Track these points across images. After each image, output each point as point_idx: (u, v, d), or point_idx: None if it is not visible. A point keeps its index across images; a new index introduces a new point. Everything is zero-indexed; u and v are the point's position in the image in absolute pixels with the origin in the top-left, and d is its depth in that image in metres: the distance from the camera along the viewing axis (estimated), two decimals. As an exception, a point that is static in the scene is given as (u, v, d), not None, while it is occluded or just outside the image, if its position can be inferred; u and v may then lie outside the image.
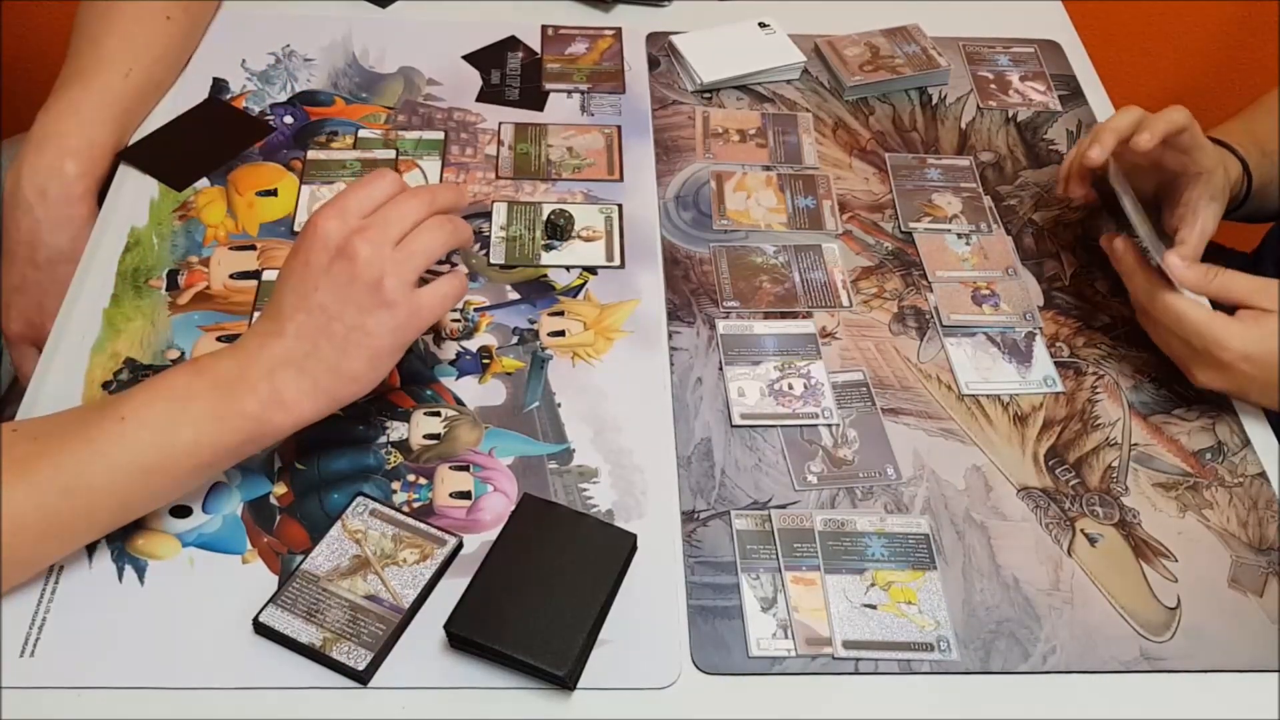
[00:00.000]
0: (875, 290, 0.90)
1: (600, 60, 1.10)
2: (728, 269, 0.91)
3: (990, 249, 0.94)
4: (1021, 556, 0.74)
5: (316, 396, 0.69)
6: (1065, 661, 0.69)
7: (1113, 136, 0.84)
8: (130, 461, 0.66)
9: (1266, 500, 0.78)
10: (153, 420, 0.67)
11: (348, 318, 0.69)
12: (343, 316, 0.69)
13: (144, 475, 0.66)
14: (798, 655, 0.68)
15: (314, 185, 0.95)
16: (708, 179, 0.99)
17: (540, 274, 0.89)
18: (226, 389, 0.68)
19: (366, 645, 0.66)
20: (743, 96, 1.07)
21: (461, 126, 1.02)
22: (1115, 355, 0.86)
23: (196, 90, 1.03)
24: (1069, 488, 0.78)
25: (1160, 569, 0.74)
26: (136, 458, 0.66)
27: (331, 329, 0.69)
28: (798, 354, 0.85)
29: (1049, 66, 1.13)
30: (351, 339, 0.69)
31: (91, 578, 0.69)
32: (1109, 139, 0.84)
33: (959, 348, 0.86)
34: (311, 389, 0.69)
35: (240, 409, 0.67)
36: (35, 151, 0.90)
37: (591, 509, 0.74)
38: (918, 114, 1.07)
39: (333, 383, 0.69)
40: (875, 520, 0.75)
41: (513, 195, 0.96)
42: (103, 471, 0.65)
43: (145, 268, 0.87)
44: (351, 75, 1.06)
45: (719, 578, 0.72)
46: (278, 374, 0.68)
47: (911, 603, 0.71)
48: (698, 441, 0.79)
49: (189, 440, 0.67)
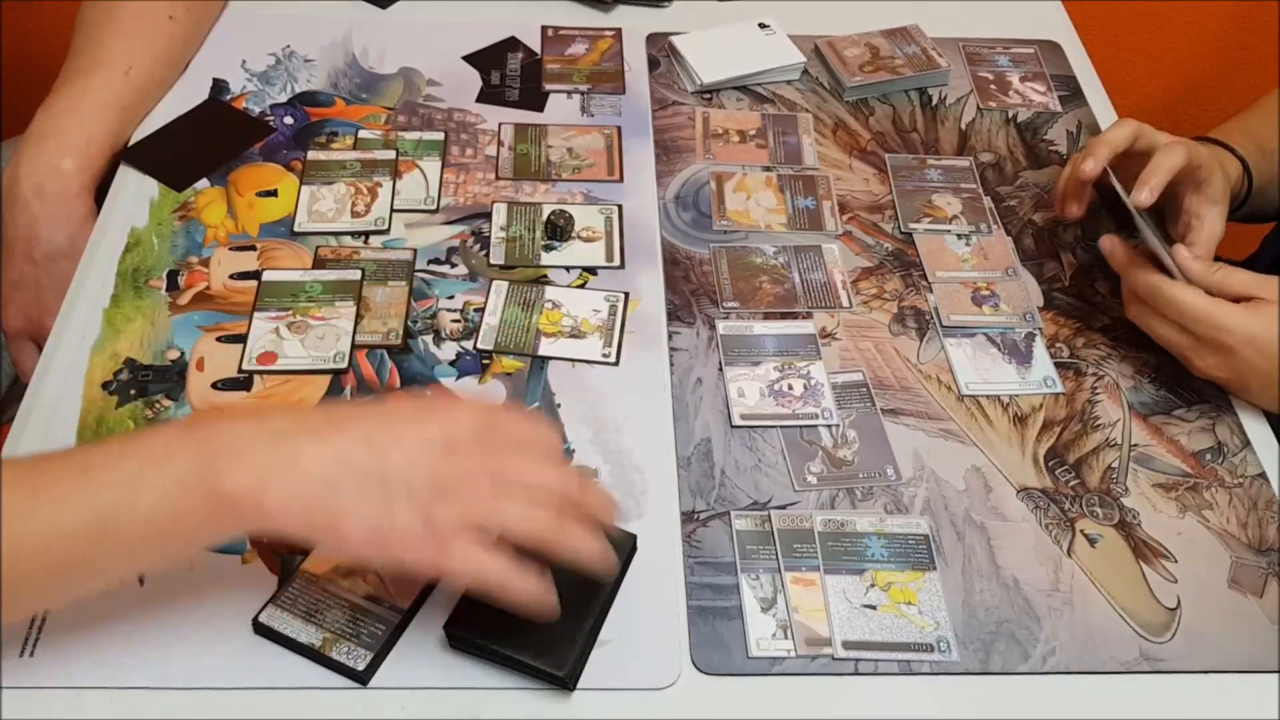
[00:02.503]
0: (875, 291, 0.90)
1: (600, 61, 1.10)
2: (728, 269, 0.91)
3: (990, 250, 0.94)
4: (1021, 557, 0.74)
5: (300, 523, 0.59)
6: (1065, 662, 0.69)
7: (1107, 150, 0.85)
8: (74, 521, 0.57)
9: (1266, 501, 0.78)
10: (117, 479, 0.58)
11: (390, 488, 0.59)
12: (387, 483, 0.59)
13: (87, 540, 0.57)
14: (797, 656, 0.68)
15: (314, 186, 0.95)
16: (708, 180, 0.99)
17: (540, 274, 0.89)
18: (213, 455, 0.58)
19: (366, 645, 0.66)
20: (743, 97, 1.07)
21: (461, 127, 1.02)
22: (1115, 356, 0.86)
23: (197, 91, 1.03)
24: (1069, 488, 0.78)
25: (1160, 570, 0.74)
26: (81, 517, 0.57)
27: (367, 481, 0.59)
28: (797, 354, 0.85)
29: (1049, 67, 1.13)
30: (374, 505, 0.59)
31: (91, 578, 0.69)
32: (1103, 152, 0.85)
33: (959, 348, 0.86)
34: (302, 515, 0.59)
35: (215, 482, 0.57)
36: (33, 148, 0.90)
37: (591, 509, 0.74)
38: (918, 115, 1.07)
39: (325, 524, 0.59)
40: (875, 521, 0.75)
41: (513, 196, 0.96)
42: (39, 529, 0.56)
43: (145, 268, 0.87)
44: (351, 76, 1.06)
45: (719, 578, 0.72)
46: (282, 475, 0.58)
47: (911, 603, 0.71)
48: (697, 442, 0.79)
49: (149, 506, 0.57)
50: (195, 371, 0.81)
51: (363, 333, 0.84)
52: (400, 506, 0.59)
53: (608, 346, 0.84)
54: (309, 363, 0.82)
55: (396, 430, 0.61)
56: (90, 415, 0.77)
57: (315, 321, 0.84)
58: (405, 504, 0.59)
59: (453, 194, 0.96)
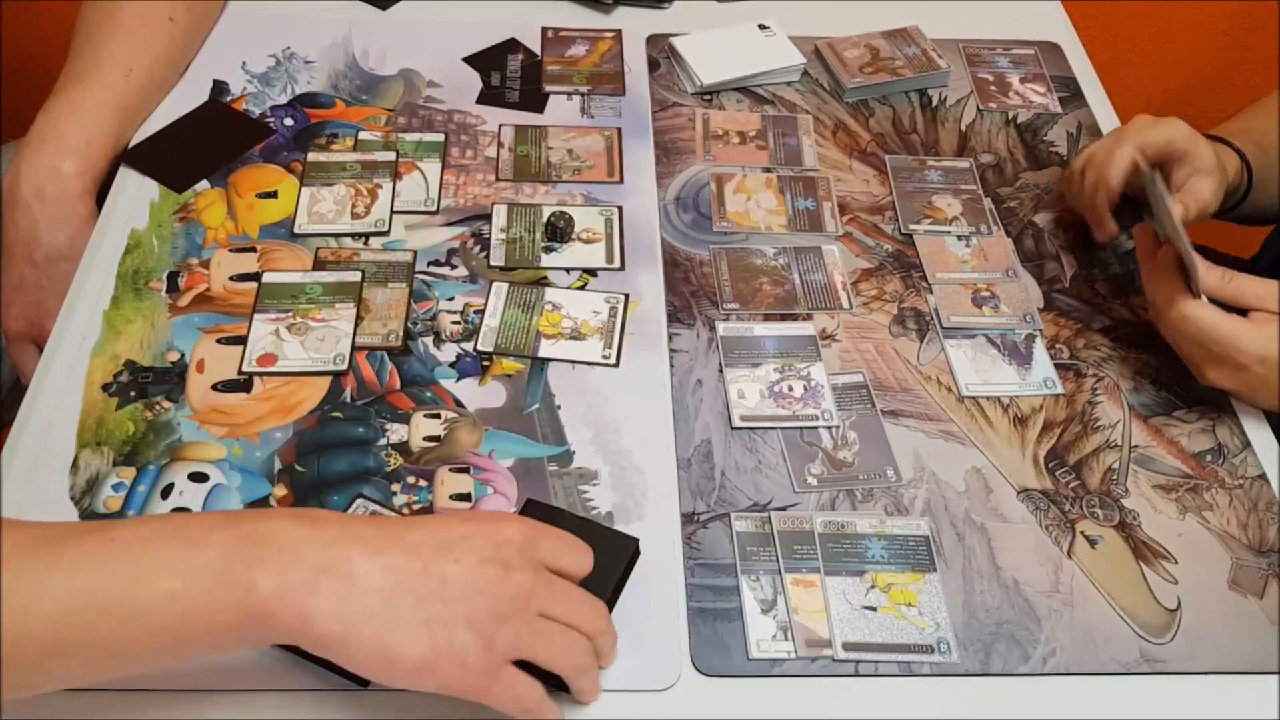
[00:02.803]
0: (875, 292, 0.90)
1: (600, 62, 1.10)
2: (728, 271, 0.91)
3: (990, 251, 0.94)
4: (1021, 558, 0.74)
5: (343, 636, 0.55)
6: (1065, 663, 0.69)
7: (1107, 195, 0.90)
8: (89, 589, 0.52)
9: (1267, 502, 0.78)
10: (143, 556, 0.54)
11: (452, 609, 0.56)
12: (447, 603, 0.56)
13: (96, 614, 0.52)
14: (798, 657, 0.68)
15: (314, 187, 0.95)
16: (708, 181, 0.99)
17: (540, 276, 0.89)
18: (257, 548, 0.54)
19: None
20: (743, 98, 1.07)
21: (462, 129, 1.02)
22: (1115, 357, 0.86)
23: (197, 92, 1.03)
24: (1069, 489, 0.78)
25: (1160, 571, 0.74)
26: (99, 589, 0.52)
27: (425, 600, 0.56)
28: (798, 356, 0.85)
29: (1049, 68, 1.13)
30: (434, 626, 0.56)
31: (92, 580, 0.69)
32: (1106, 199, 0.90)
33: (959, 349, 0.86)
34: (348, 627, 0.55)
35: (252, 578, 0.53)
36: (34, 150, 0.90)
37: (591, 511, 0.74)
38: (918, 116, 1.07)
39: (372, 641, 0.55)
40: (875, 522, 0.75)
41: (513, 197, 0.96)
42: (54, 594, 0.52)
43: (145, 270, 0.87)
44: (351, 77, 1.06)
45: (719, 580, 0.72)
46: (332, 580, 0.55)
47: (912, 605, 0.71)
48: (698, 443, 0.79)
49: (166, 590, 0.53)
50: (195, 373, 0.81)
51: (363, 334, 0.84)
52: (460, 630, 0.56)
53: (608, 348, 0.84)
54: (309, 364, 0.82)
55: (451, 544, 0.58)
56: (90, 417, 0.77)
57: (315, 323, 0.84)
58: (466, 628, 0.56)
59: (453, 195, 0.96)
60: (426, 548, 0.57)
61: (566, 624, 0.61)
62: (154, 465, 0.75)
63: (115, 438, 0.76)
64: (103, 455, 0.75)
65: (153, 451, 0.76)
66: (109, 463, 0.75)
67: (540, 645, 0.59)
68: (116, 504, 0.73)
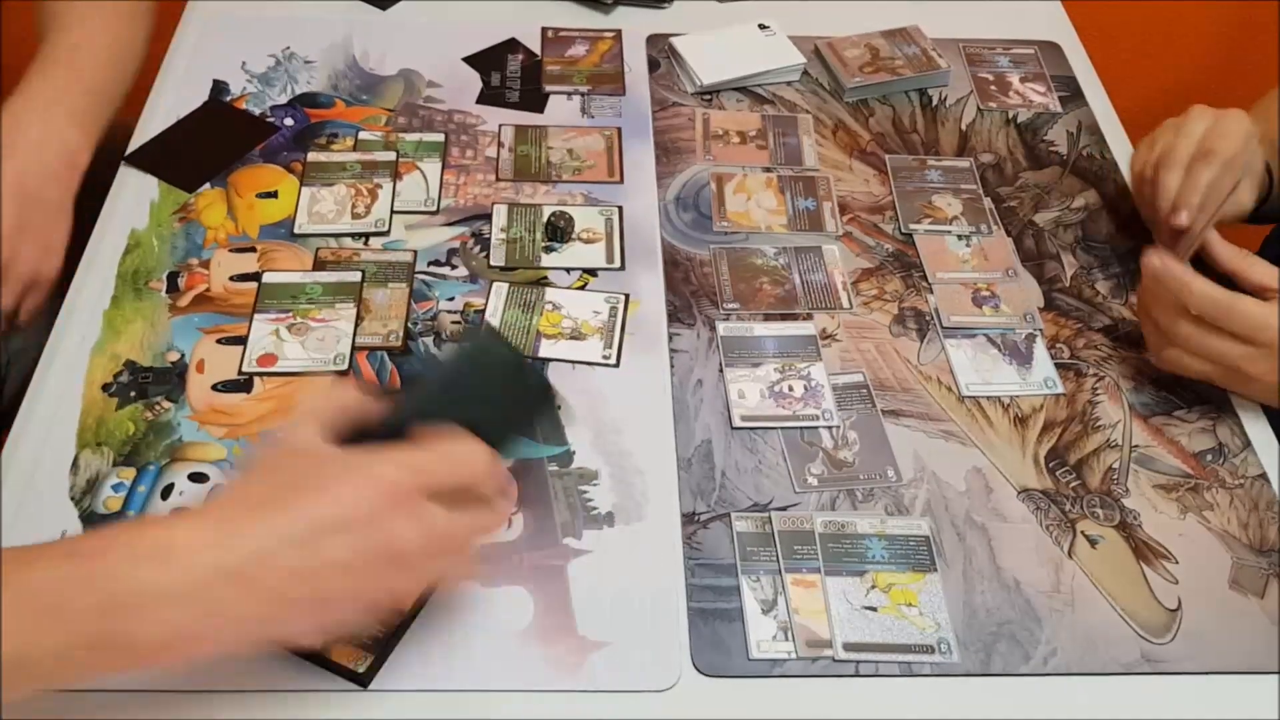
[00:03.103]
0: (875, 292, 0.90)
1: (600, 62, 1.10)
2: (728, 271, 0.91)
3: (990, 250, 0.94)
4: (1022, 558, 0.74)
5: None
6: (1066, 663, 0.69)
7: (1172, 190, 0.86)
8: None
9: (1267, 502, 0.78)
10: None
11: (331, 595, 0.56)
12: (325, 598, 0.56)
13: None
14: (798, 657, 0.68)
15: (314, 187, 0.95)
16: (708, 181, 0.99)
17: (540, 276, 0.89)
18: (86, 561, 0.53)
19: (366, 648, 0.66)
20: (743, 98, 1.07)
21: (462, 129, 1.02)
22: (1116, 357, 0.86)
23: (197, 93, 1.03)
24: (1069, 489, 0.78)
25: (1161, 571, 0.73)
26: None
27: (305, 613, 0.56)
28: (798, 356, 0.85)
29: (1049, 67, 1.13)
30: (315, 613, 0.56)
31: (92, 580, 0.69)
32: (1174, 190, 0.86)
33: (959, 349, 0.86)
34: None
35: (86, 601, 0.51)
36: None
37: (592, 511, 0.74)
38: (918, 115, 1.07)
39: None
40: (876, 522, 0.75)
41: (513, 197, 0.96)
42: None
43: (145, 270, 0.87)
44: (352, 77, 1.06)
45: (719, 580, 0.71)
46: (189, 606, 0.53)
47: (912, 605, 0.71)
48: (698, 443, 0.79)
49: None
50: (195, 373, 0.81)
51: (363, 334, 0.84)
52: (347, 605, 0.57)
53: (608, 348, 0.84)
54: (309, 365, 0.82)
55: (319, 550, 0.55)
56: (90, 417, 0.77)
57: (315, 323, 0.84)
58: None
59: (453, 195, 0.96)
60: (295, 579, 0.54)
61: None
62: (154, 465, 0.75)
63: (115, 438, 0.76)
64: (103, 455, 0.75)
65: (153, 452, 0.76)
66: (109, 463, 0.75)
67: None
68: (116, 504, 0.73)
